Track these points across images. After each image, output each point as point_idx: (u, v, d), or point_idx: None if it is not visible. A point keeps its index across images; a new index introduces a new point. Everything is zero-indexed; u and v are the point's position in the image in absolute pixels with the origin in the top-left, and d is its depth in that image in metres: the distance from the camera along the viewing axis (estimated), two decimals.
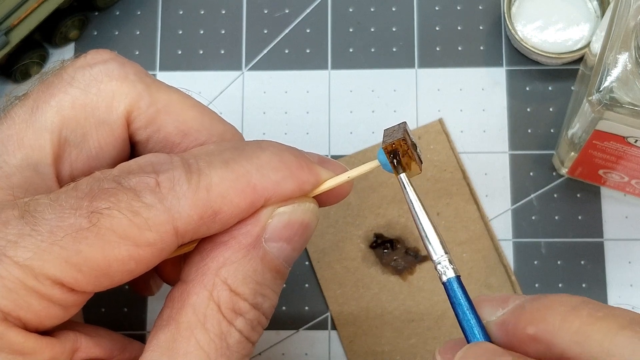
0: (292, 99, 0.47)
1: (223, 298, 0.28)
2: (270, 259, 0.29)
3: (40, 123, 0.30)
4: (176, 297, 0.29)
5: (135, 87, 0.32)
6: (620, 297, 0.43)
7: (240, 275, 0.28)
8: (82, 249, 0.26)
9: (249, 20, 0.48)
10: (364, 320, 0.43)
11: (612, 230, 0.44)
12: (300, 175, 0.30)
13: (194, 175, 0.28)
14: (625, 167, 0.40)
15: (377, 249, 0.44)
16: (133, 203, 0.27)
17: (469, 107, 0.46)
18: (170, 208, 0.27)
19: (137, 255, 0.27)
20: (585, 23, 0.46)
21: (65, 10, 0.46)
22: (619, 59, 0.34)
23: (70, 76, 0.31)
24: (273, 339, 0.44)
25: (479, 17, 0.47)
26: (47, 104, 0.31)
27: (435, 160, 0.45)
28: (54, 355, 0.27)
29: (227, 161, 0.29)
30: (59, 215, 0.26)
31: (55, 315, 0.27)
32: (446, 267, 0.29)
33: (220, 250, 0.29)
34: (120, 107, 0.31)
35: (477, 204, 0.44)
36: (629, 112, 0.34)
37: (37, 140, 0.30)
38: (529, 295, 0.28)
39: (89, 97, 0.31)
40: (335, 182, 0.31)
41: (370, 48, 0.47)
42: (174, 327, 0.28)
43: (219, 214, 0.28)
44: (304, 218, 0.30)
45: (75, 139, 0.31)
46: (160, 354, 0.28)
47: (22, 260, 0.26)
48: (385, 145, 0.29)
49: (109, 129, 0.31)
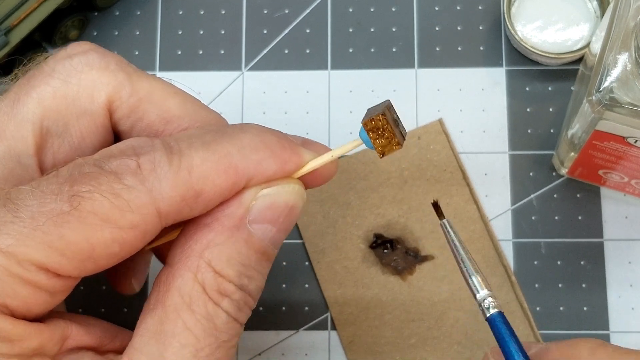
0: (292, 99, 0.47)
1: (208, 280, 0.28)
2: (255, 240, 0.29)
3: (21, 115, 0.31)
4: (162, 280, 0.29)
5: (116, 77, 0.32)
6: (620, 297, 0.43)
7: (224, 257, 0.28)
8: (65, 233, 0.26)
9: (249, 20, 0.48)
10: (364, 320, 0.43)
11: (612, 230, 0.44)
12: (282, 156, 0.30)
13: (175, 157, 0.28)
14: (625, 168, 0.40)
15: (377, 249, 0.44)
16: (114, 185, 0.27)
17: (468, 107, 0.46)
18: (152, 189, 0.27)
19: (120, 237, 0.27)
20: (585, 23, 0.46)
21: (65, 11, 0.46)
22: (618, 59, 0.34)
23: (51, 68, 0.31)
24: (273, 339, 0.44)
25: (478, 17, 0.47)
26: (28, 96, 0.31)
27: (435, 161, 0.45)
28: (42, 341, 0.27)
29: (209, 143, 0.29)
30: (40, 201, 0.26)
31: (42, 301, 0.27)
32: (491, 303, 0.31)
33: (203, 232, 0.29)
34: (101, 97, 0.31)
35: (477, 204, 0.44)
36: (629, 112, 0.34)
37: (19, 132, 0.30)
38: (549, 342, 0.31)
39: (70, 87, 0.31)
40: (319, 162, 0.30)
41: (370, 48, 0.47)
42: (160, 310, 0.28)
43: (201, 194, 0.28)
44: (289, 199, 0.30)
45: (57, 129, 0.31)
46: (148, 338, 0.28)
47: (5, 247, 0.26)
48: (364, 121, 0.29)
49: (90, 119, 0.31)
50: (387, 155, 0.29)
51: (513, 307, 0.43)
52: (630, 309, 0.43)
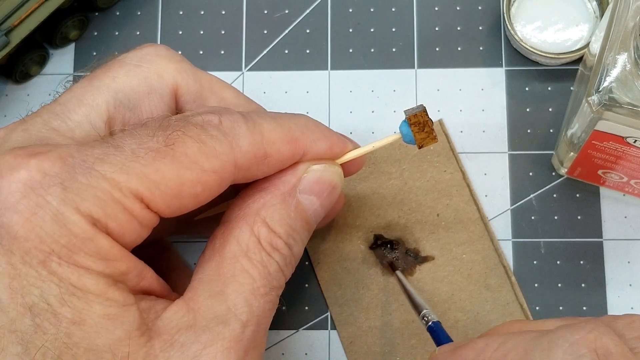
0: (292, 99, 0.47)
1: (263, 233, 0.32)
2: (302, 208, 0.33)
3: (97, 88, 0.33)
4: (218, 235, 0.32)
5: (182, 65, 0.35)
6: (619, 297, 0.44)
7: (277, 216, 0.32)
8: (160, 167, 0.29)
9: (249, 20, 0.48)
10: (364, 321, 0.44)
11: (611, 230, 0.44)
12: (332, 139, 0.34)
13: (250, 121, 0.32)
14: (624, 167, 0.40)
15: (377, 250, 0.44)
16: (201, 133, 0.30)
17: (468, 108, 0.46)
18: (232, 142, 0.31)
19: (204, 179, 0.30)
20: (585, 23, 0.46)
21: (65, 11, 0.46)
22: (618, 59, 0.34)
23: (123, 57, 0.35)
24: (273, 339, 0.44)
25: (478, 18, 0.47)
26: (104, 75, 0.34)
27: (435, 161, 0.45)
28: (129, 269, 0.29)
29: (275, 117, 0.33)
30: (139, 140, 0.29)
31: (133, 229, 0.29)
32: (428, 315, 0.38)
33: (261, 194, 0.33)
34: (169, 79, 0.35)
35: (477, 205, 0.44)
36: (628, 113, 0.34)
37: (94, 101, 0.33)
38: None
39: (141, 69, 0.34)
40: (360, 151, 0.36)
41: (370, 48, 0.47)
42: (218, 258, 0.32)
43: (268, 157, 0.32)
44: (333, 178, 0.35)
45: (128, 103, 0.34)
46: (208, 279, 0.31)
47: (110, 173, 0.28)
48: (408, 116, 0.34)
49: (159, 97, 0.34)
50: (424, 147, 0.35)
51: (513, 307, 0.43)
52: (629, 308, 0.43)
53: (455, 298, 0.43)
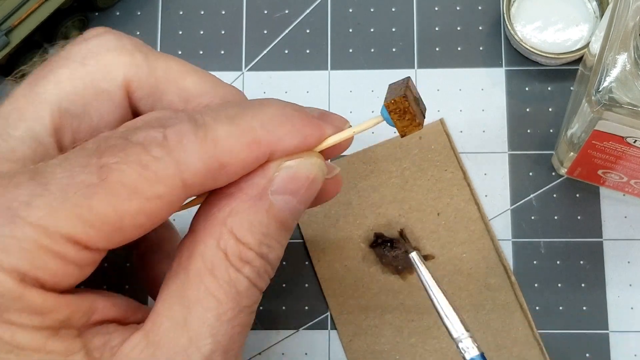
0: (292, 99, 0.46)
1: (230, 247, 0.29)
2: (276, 211, 0.30)
3: (39, 96, 0.31)
4: (185, 247, 0.29)
5: (133, 57, 0.32)
6: (619, 296, 0.44)
7: (246, 225, 0.29)
8: (94, 204, 0.26)
9: (249, 20, 0.48)
10: (363, 320, 0.44)
11: (611, 230, 0.44)
12: (304, 131, 0.30)
13: (201, 129, 0.28)
14: (624, 167, 0.40)
15: (378, 249, 0.44)
16: (142, 157, 0.27)
17: (468, 108, 0.46)
18: (179, 161, 0.27)
19: (147, 208, 0.27)
20: (585, 23, 0.46)
21: (65, 11, 0.46)
22: (618, 59, 0.34)
23: (67, 52, 0.32)
24: (273, 339, 0.44)
25: (478, 18, 0.47)
26: (45, 79, 0.31)
27: (435, 161, 0.45)
28: (71, 314, 0.27)
29: (233, 117, 0.29)
30: (69, 173, 0.26)
31: (71, 274, 0.27)
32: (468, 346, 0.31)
33: (227, 201, 0.29)
34: (118, 76, 0.32)
35: (477, 204, 0.45)
36: (628, 113, 0.34)
37: (36, 112, 0.30)
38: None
39: (87, 69, 0.31)
40: (339, 137, 0.31)
41: (370, 48, 0.47)
42: (183, 276, 0.29)
43: (225, 167, 0.28)
44: (310, 172, 0.31)
45: (75, 109, 0.31)
46: (171, 303, 0.28)
47: (36, 219, 0.26)
48: (386, 102, 0.30)
49: (108, 98, 0.32)
50: (407, 135, 0.31)
51: (512, 307, 0.43)
52: (629, 308, 0.43)
53: (455, 297, 0.43)
